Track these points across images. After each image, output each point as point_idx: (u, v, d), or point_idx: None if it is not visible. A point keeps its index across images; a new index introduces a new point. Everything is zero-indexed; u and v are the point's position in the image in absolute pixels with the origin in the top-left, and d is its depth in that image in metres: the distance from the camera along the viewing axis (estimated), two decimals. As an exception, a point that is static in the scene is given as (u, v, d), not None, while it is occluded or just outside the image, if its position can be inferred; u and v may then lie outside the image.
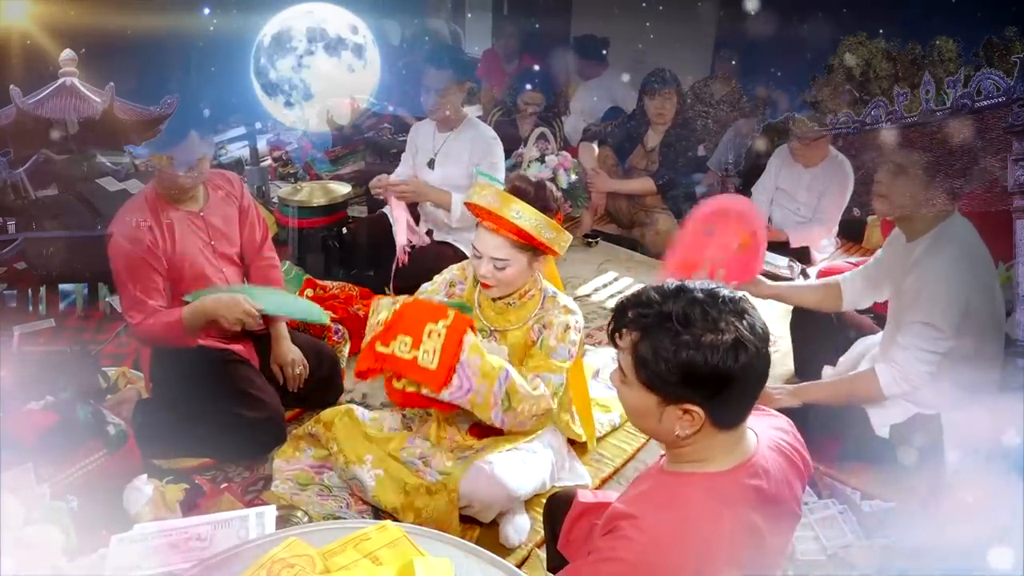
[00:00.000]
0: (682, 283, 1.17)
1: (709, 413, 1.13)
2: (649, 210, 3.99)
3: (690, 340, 1.09)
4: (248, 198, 2.49)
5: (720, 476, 1.18)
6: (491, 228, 1.94)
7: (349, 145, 4.64)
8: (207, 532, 1.57)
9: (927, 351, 2.03)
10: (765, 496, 1.19)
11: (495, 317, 2.09)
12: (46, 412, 2.06)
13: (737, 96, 4.47)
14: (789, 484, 1.25)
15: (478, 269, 1.99)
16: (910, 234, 2.14)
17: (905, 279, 2.12)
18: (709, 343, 1.09)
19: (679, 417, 1.14)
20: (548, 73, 4.34)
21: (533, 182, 1.99)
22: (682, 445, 1.18)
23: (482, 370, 1.83)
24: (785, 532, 1.27)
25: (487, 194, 1.93)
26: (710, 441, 1.17)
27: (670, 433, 1.17)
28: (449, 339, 1.80)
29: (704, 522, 1.14)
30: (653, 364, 1.12)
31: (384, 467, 2.01)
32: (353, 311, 2.93)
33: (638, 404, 1.18)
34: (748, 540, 1.16)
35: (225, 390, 2.27)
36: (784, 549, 1.32)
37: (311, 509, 2.04)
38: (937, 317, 2.00)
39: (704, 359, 1.08)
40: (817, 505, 2.06)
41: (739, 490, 1.17)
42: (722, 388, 1.11)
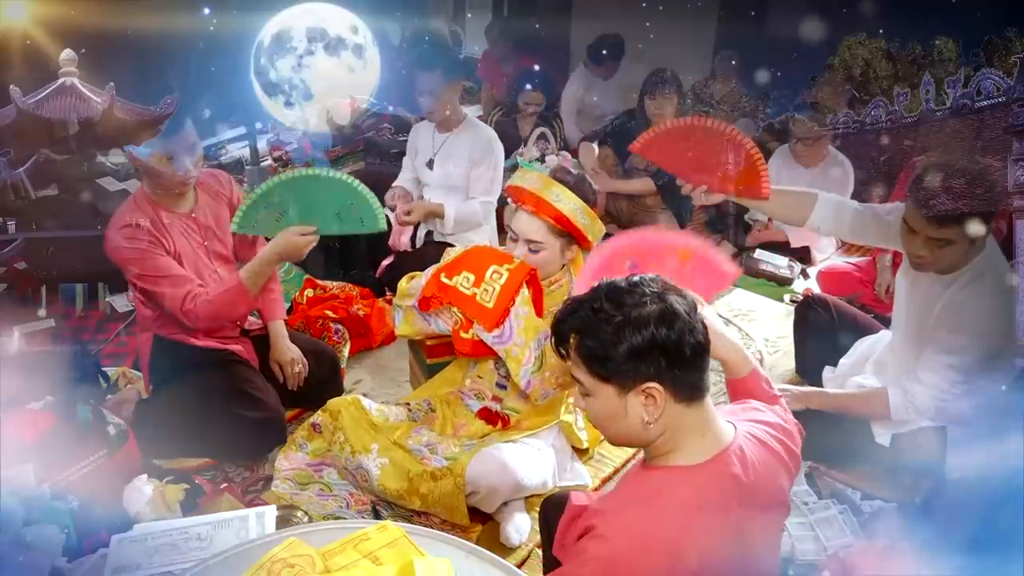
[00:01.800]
0: (598, 282, 1.25)
1: (667, 386, 1.17)
2: (649, 210, 3.99)
3: (623, 320, 1.16)
4: (238, 195, 2.47)
5: (695, 469, 1.19)
6: (530, 211, 2.01)
7: (349, 145, 4.64)
8: (207, 532, 1.57)
9: (946, 391, 1.99)
10: (744, 487, 1.19)
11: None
12: (46, 412, 2.06)
13: (737, 96, 4.47)
14: (773, 477, 1.25)
15: (512, 252, 2.05)
16: (945, 272, 1.97)
17: (935, 305, 1.99)
18: (641, 316, 1.16)
19: (642, 402, 1.18)
20: (548, 73, 4.34)
21: (575, 174, 2.07)
22: (654, 437, 1.21)
23: (527, 323, 1.93)
24: (771, 525, 1.27)
25: (531, 177, 2.02)
26: (678, 422, 1.20)
27: (639, 423, 1.19)
28: (509, 282, 1.92)
29: (677, 515, 1.16)
30: (601, 353, 1.17)
31: (390, 456, 2.01)
32: (353, 311, 2.93)
33: (604, 406, 1.22)
34: (727, 532, 1.17)
35: (225, 390, 2.27)
36: (773, 542, 1.32)
37: (311, 509, 2.04)
38: (966, 362, 1.94)
39: (642, 332, 1.15)
40: (817, 505, 2.06)
41: (715, 481, 1.18)
42: (669, 358, 1.16)
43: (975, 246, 1.90)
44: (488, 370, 2.17)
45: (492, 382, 2.17)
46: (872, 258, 3.16)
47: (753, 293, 3.51)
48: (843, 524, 1.99)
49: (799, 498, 2.07)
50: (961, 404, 2.02)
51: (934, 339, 1.99)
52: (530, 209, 2.01)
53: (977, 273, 1.93)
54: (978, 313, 1.91)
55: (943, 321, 1.97)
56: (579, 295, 1.27)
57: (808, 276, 3.58)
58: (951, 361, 1.96)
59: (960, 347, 1.94)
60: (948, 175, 1.80)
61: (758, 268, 3.56)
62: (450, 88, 3.04)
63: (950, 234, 1.84)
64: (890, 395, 2.06)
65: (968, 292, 1.93)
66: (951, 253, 1.89)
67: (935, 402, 2.00)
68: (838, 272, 3.31)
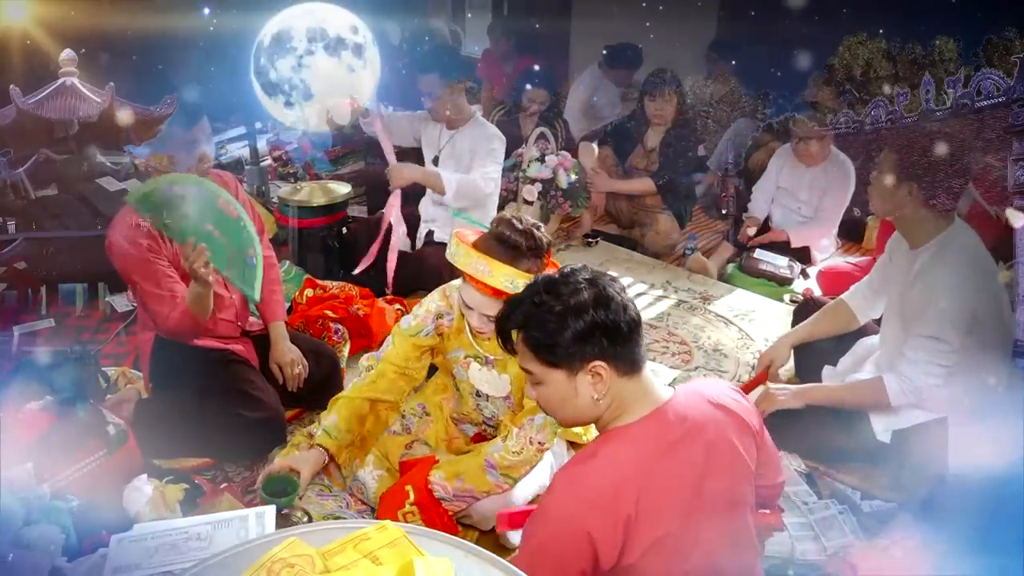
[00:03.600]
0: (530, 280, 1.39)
1: (610, 363, 1.26)
2: (649, 210, 3.99)
3: (563, 308, 1.26)
4: (243, 197, 2.48)
5: (632, 424, 1.29)
6: (480, 289, 1.77)
7: (349, 145, 4.64)
8: (207, 532, 1.57)
9: (935, 364, 2.04)
10: (685, 434, 1.28)
11: (491, 346, 1.96)
12: (46, 412, 2.06)
13: (737, 96, 4.48)
14: (725, 434, 1.32)
15: (470, 320, 1.89)
16: (912, 241, 2.14)
17: (910, 288, 2.12)
18: (579, 303, 1.26)
19: (590, 381, 1.28)
20: (548, 73, 4.34)
21: (521, 230, 1.77)
22: (602, 411, 1.31)
23: (469, 483, 1.84)
24: (724, 478, 1.31)
25: (474, 263, 1.75)
26: (622, 393, 1.29)
27: (589, 402, 1.29)
28: (426, 514, 1.83)
29: (614, 465, 1.25)
30: (548, 341, 1.27)
31: (385, 468, 2.01)
32: (353, 311, 2.93)
33: (556, 391, 1.31)
34: (665, 477, 1.25)
35: (225, 390, 2.27)
36: (739, 497, 1.34)
37: (311, 509, 2.03)
38: (945, 331, 2.00)
39: (583, 317, 1.25)
40: (817, 505, 2.06)
41: (651, 431, 1.28)
42: (610, 336, 1.26)
43: (941, 218, 2.05)
44: (471, 408, 2.11)
45: (479, 420, 2.12)
46: (873, 259, 3.16)
47: (753, 293, 3.50)
48: (843, 524, 1.99)
49: (799, 498, 2.07)
50: (957, 389, 2.05)
51: (917, 320, 2.08)
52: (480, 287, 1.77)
53: (941, 245, 2.06)
54: (942, 280, 2.02)
55: (917, 296, 2.08)
56: (514, 294, 1.41)
57: (808, 276, 3.58)
58: (929, 331, 2.03)
59: (931, 316, 2.02)
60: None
61: (758, 268, 3.56)
62: (449, 89, 3.07)
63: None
64: (886, 381, 2.10)
65: (931, 261, 2.07)
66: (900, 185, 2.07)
67: (927, 377, 2.05)
68: (838, 272, 3.31)
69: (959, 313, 1.99)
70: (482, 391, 2.04)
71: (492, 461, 1.85)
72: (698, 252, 3.84)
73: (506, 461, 1.84)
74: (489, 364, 2.01)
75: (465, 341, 2.01)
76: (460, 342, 2.02)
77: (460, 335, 2.02)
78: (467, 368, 2.03)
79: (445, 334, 2.04)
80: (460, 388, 2.10)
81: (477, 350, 2.01)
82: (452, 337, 2.03)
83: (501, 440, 1.88)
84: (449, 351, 2.05)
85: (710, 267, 3.70)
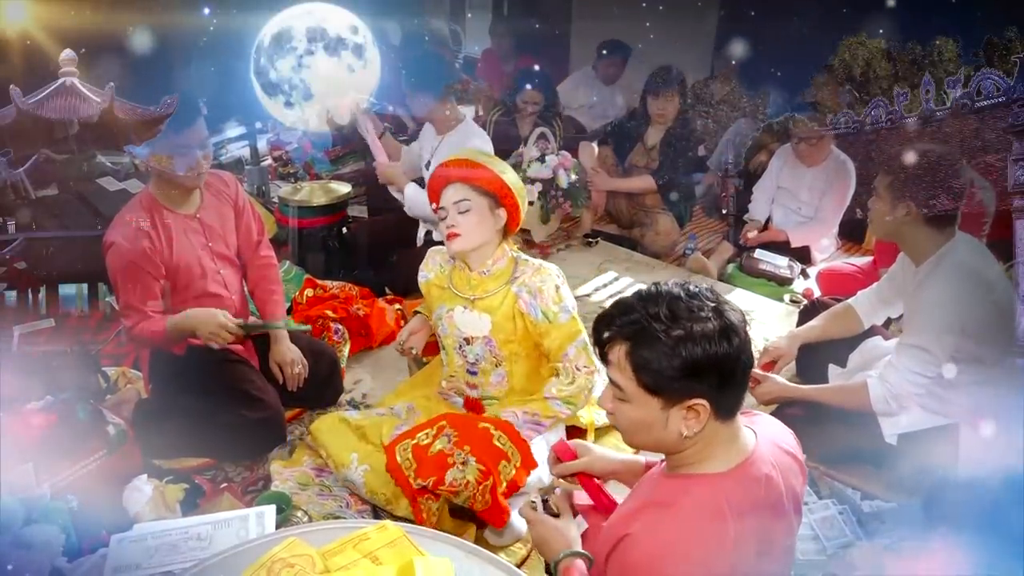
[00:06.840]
0: (654, 285, 1.19)
1: (714, 404, 1.13)
2: (649, 210, 3.99)
3: (683, 335, 1.10)
4: (243, 197, 2.48)
5: (722, 476, 1.17)
6: (456, 182, 2.04)
7: (349, 145, 4.64)
8: (207, 532, 1.57)
9: (917, 373, 2.05)
10: (773, 492, 1.18)
11: (470, 288, 2.11)
12: (46, 412, 2.06)
13: (737, 96, 4.47)
14: (790, 479, 1.24)
15: (443, 227, 2.05)
16: (916, 259, 2.14)
17: (911, 300, 2.15)
18: (701, 333, 1.10)
19: (684, 417, 1.14)
20: (548, 73, 4.34)
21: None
22: (685, 447, 1.18)
23: (536, 408, 2.04)
24: (793, 530, 1.27)
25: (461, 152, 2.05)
26: (712, 437, 1.17)
27: (675, 437, 1.16)
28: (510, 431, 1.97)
29: (707, 524, 1.13)
30: (655, 365, 1.12)
31: (370, 462, 2.02)
32: (353, 311, 2.93)
33: (641, 416, 1.17)
34: (756, 539, 1.15)
35: (225, 390, 2.27)
36: (793, 547, 1.31)
37: (311, 509, 2.03)
38: (931, 342, 2.02)
39: (703, 350, 1.10)
40: (817, 505, 2.06)
41: (744, 488, 1.16)
42: (723, 375, 1.12)
43: (940, 235, 2.05)
44: (457, 366, 2.18)
45: (464, 371, 2.18)
46: (874, 260, 3.15)
47: (753, 293, 3.50)
48: (843, 524, 1.99)
49: (799, 498, 2.07)
50: (956, 397, 2.05)
51: (907, 329, 2.12)
52: (457, 179, 2.06)
53: (938, 260, 2.06)
54: (934, 294, 2.03)
55: (913, 308, 2.12)
56: (628, 297, 1.20)
57: (808, 276, 3.58)
58: (916, 341, 2.05)
59: (919, 327, 2.05)
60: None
61: (758, 268, 3.56)
62: (438, 103, 3.14)
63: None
64: (870, 386, 2.12)
65: (928, 276, 2.07)
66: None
67: (910, 386, 2.06)
68: (838, 272, 3.31)
69: (946, 326, 2.00)
70: (465, 333, 2.12)
71: (551, 394, 2.04)
72: (698, 252, 3.84)
73: (563, 392, 2.04)
74: (470, 304, 2.11)
75: (448, 295, 2.15)
76: (443, 297, 2.16)
77: (443, 290, 2.17)
78: (451, 319, 2.13)
79: (434, 294, 2.20)
80: (446, 346, 2.18)
81: (458, 295, 2.12)
82: (436, 296, 2.19)
83: (554, 378, 2.08)
84: (435, 309, 2.19)
85: (710, 267, 3.70)
